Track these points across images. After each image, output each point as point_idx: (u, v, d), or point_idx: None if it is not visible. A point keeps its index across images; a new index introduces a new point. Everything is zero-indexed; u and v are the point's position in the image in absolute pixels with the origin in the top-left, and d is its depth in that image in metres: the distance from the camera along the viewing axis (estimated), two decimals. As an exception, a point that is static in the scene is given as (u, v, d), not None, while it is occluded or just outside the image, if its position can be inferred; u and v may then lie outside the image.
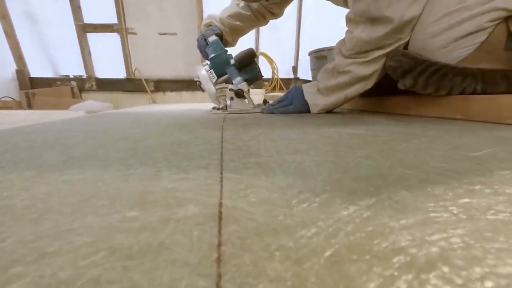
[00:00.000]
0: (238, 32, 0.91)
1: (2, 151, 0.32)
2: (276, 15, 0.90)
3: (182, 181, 0.20)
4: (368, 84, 0.66)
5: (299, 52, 2.57)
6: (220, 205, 0.16)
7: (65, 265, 0.10)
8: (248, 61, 0.81)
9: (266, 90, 2.34)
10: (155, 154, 0.29)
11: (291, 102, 0.75)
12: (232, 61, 0.81)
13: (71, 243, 0.12)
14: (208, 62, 0.84)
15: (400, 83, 0.57)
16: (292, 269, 0.10)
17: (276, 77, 2.41)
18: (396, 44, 0.61)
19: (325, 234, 0.12)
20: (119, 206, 0.16)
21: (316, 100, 0.72)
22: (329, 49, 1.78)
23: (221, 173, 0.22)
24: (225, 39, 0.89)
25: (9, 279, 0.10)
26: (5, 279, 0.10)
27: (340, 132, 0.40)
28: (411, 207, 0.15)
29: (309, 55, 1.94)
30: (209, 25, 0.88)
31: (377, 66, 0.63)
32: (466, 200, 0.15)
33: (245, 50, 0.82)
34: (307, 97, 0.73)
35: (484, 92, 0.51)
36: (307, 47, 2.11)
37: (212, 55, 0.82)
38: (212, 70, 0.82)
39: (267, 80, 2.48)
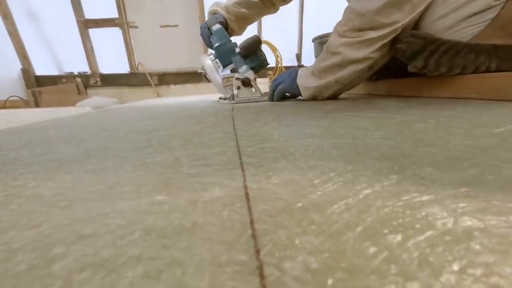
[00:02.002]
0: (245, 20, 0.87)
1: (19, 147, 0.33)
2: (286, 0, 0.86)
3: (202, 167, 0.20)
4: (361, 70, 0.61)
5: (303, 39, 2.53)
6: (245, 187, 0.16)
7: (105, 245, 0.11)
8: (254, 49, 0.80)
9: (270, 79, 2.32)
10: (170, 144, 0.29)
11: (282, 80, 0.72)
12: (238, 50, 0.79)
13: (106, 226, 0.12)
14: (213, 52, 0.82)
15: (410, 66, 0.56)
16: (328, 242, 0.10)
17: (280, 65, 2.38)
18: (392, 27, 0.55)
19: (355, 210, 0.12)
20: (145, 191, 0.16)
21: (307, 83, 0.68)
22: (334, 34, 1.75)
23: (240, 158, 0.22)
24: (230, 28, 0.86)
25: (52, 259, 0.10)
26: (48, 258, 0.10)
27: (353, 116, 0.40)
28: (439, 182, 0.14)
29: (312, 41, 1.91)
30: (214, 13, 0.85)
31: (370, 51, 0.58)
32: (496, 174, 0.15)
33: (250, 38, 0.80)
34: (299, 80, 0.69)
35: (499, 70, 0.50)
36: (311, 33, 2.07)
37: (217, 44, 0.80)
38: (217, 60, 0.80)
39: (271, 69, 2.46)
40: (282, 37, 2.40)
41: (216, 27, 0.81)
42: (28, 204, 0.15)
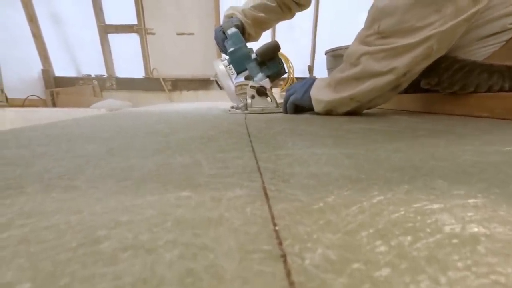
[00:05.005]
0: (262, 25, 0.84)
1: (46, 143, 0.35)
2: (302, 6, 0.84)
3: (221, 169, 0.21)
4: (382, 88, 0.50)
5: (315, 51, 2.56)
6: (264, 188, 0.17)
7: (142, 230, 0.12)
8: (271, 55, 0.75)
9: (282, 89, 2.35)
10: (188, 147, 0.30)
11: (295, 91, 0.66)
12: (253, 56, 0.75)
13: (140, 215, 0.13)
14: (227, 57, 0.78)
15: (424, 82, 0.57)
16: (344, 238, 0.11)
17: (292, 76, 2.41)
18: (425, 34, 0.43)
19: (368, 213, 0.13)
20: (171, 188, 0.17)
21: (320, 95, 0.59)
22: (347, 47, 1.77)
23: (257, 163, 0.23)
24: (247, 33, 0.82)
25: (97, 239, 0.11)
26: (94, 239, 0.11)
27: (364, 128, 0.41)
28: (448, 193, 0.15)
29: (325, 54, 1.93)
30: (230, 17, 0.82)
31: (395, 65, 0.47)
32: (503, 189, 0.16)
33: (269, 43, 0.75)
34: (313, 91, 0.61)
35: (512, 90, 0.50)
36: (323, 46, 2.10)
37: (231, 49, 0.76)
38: (231, 65, 0.76)
39: (283, 79, 2.49)
40: (295, 48, 2.44)
41: (232, 30, 0.77)
42: (66, 193, 0.17)
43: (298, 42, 2.57)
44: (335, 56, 1.80)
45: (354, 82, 0.54)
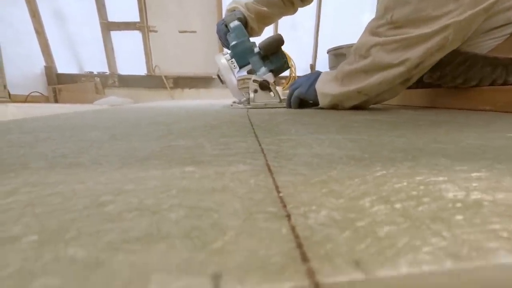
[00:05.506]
0: (265, 20, 0.83)
1: (49, 130, 0.35)
2: (305, 1, 0.83)
3: (224, 150, 0.21)
4: (392, 81, 0.49)
5: (317, 50, 2.56)
6: (268, 165, 0.17)
7: (147, 197, 0.12)
8: (275, 49, 0.73)
9: (283, 88, 2.35)
10: (191, 133, 0.30)
11: (299, 84, 0.64)
12: (256, 49, 0.74)
13: (144, 184, 0.14)
14: (229, 52, 0.77)
15: (426, 76, 0.57)
16: (348, 203, 0.11)
17: (294, 74, 2.41)
18: (441, 23, 0.41)
19: (372, 184, 0.13)
20: (174, 164, 0.17)
21: (326, 89, 0.58)
22: (349, 46, 1.77)
23: (260, 145, 0.23)
24: (250, 27, 0.80)
25: (102, 203, 0.11)
26: (99, 203, 0.11)
27: (368, 119, 0.41)
28: (452, 169, 0.15)
29: (327, 52, 1.93)
30: (232, 10, 0.81)
31: (407, 56, 0.45)
32: (507, 165, 0.16)
33: (272, 36, 0.74)
34: (318, 84, 0.59)
35: (515, 84, 0.50)
36: (325, 45, 2.10)
37: (234, 43, 0.74)
38: (233, 59, 0.74)
39: (284, 77, 2.49)
40: (297, 47, 2.44)
41: (234, 23, 0.75)
42: (70, 169, 0.17)
43: (300, 41, 2.56)
44: (337, 55, 1.80)
45: (362, 75, 0.51)
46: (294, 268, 0.07)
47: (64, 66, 2.49)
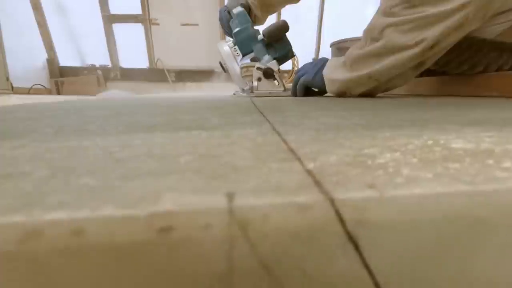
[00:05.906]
0: (268, 8, 0.79)
1: (54, 110, 0.35)
2: None
3: (230, 121, 0.21)
4: (404, 64, 0.45)
5: (321, 44, 2.54)
6: (274, 129, 0.17)
7: (155, 148, 0.12)
8: (279, 36, 0.70)
9: (286, 81, 2.34)
10: (196, 111, 0.30)
11: (306, 71, 0.61)
12: (260, 37, 0.71)
13: (151, 140, 0.14)
14: (232, 39, 0.74)
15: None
16: (358, 152, 0.11)
17: (296, 68, 2.39)
18: (462, 0, 0.38)
19: (380, 141, 0.13)
20: (181, 130, 0.17)
21: (334, 75, 0.54)
22: (352, 40, 1.75)
23: (266, 118, 0.23)
24: (253, 14, 0.77)
25: (111, 152, 0.11)
26: (108, 152, 0.11)
27: (373, 101, 0.40)
28: (461, 131, 0.15)
29: (330, 46, 1.91)
30: None
31: (424, 36, 0.42)
32: (515, 129, 0.16)
33: (276, 23, 0.71)
34: (325, 71, 0.56)
35: (523, 69, 0.50)
36: (328, 39, 2.08)
37: (237, 29, 0.71)
38: (236, 47, 0.72)
39: (287, 71, 2.48)
40: (300, 41, 2.41)
41: (237, 9, 0.72)
42: (76, 135, 0.17)
43: (303, 34, 2.54)
44: (340, 48, 1.78)
45: (373, 59, 0.48)
46: (308, 189, 0.07)
47: (66, 59, 2.49)
